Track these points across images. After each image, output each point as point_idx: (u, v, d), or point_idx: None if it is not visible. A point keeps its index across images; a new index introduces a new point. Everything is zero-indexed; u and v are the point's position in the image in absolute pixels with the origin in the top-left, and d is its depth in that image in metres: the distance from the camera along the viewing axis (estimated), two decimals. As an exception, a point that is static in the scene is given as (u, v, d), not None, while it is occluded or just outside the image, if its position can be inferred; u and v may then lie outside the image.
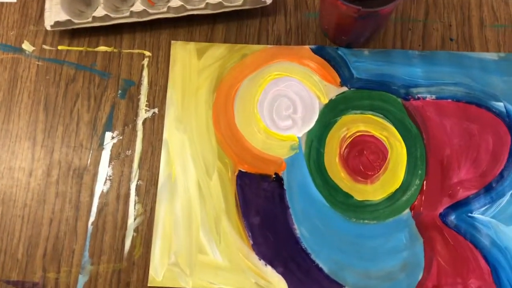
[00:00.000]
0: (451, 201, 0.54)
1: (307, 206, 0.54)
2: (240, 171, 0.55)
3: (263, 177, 0.55)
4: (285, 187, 0.55)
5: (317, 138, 0.56)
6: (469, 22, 0.60)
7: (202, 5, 0.58)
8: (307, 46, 0.59)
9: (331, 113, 0.57)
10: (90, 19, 0.58)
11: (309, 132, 0.57)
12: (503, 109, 0.56)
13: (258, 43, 0.60)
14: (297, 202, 0.55)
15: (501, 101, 0.57)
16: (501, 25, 0.60)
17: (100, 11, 0.57)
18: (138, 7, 0.57)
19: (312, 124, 0.57)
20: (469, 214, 0.54)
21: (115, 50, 0.60)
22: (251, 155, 0.56)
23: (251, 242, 0.54)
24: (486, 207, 0.54)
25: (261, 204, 0.55)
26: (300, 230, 0.54)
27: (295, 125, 0.57)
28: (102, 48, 0.60)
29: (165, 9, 0.58)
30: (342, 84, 0.58)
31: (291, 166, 0.56)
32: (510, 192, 0.54)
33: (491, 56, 0.58)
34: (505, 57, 0.58)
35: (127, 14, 0.58)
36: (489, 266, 0.52)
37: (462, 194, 0.54)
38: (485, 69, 0.58)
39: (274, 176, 0.55)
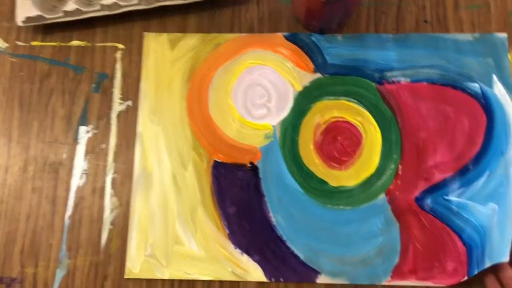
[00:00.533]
0: (427, 185, 0.54)
1: (282, 194, 0.54)
2: (215, 161, 0.55)
3: (238, 166, 0.55)
4: (260, 175, 0.55)
5: (291, 126, 0.56)
6: (443, 3, 0.59)
7: (174, -5, 0.57)
8: (280, 34, 0.59)
9: (305, 100, 0.57)
10: (61, 14, 0.57)
11: (284, 120, 0.56)
12: (479, 90, 0.56)
13: (231, 31, 0.59)
14: (273, 190, 0.54)
15: (476, 82, 0.56)
16: (475, 6, 0.59)
17: (71, 5, 0.57)
18: (108, 0, 0.57)
19: (286, 112, 0.57)
20: (445, 197, 0.53)
21: (88, 44, 0.60)
22: (226, 145, 0.56)
23: (227, 231, 0.54)
24: (462, 189, 0.53)
25: (237, 194, 0.54)
26: (275, 218, 0.54)
27: (269, 113, 0.57)
28: (75, 42, 0.60)
29: (136, 1, 0.57)
30: (316, 70, 0.57)
31: (266, 154, 0.55)
32: (486, 173, 0.54)
33: (466, 37, 0.58)
34: (479, 37, 0.57)
35: (98, 7, 0.57)
36: (465, 247, 0.52)
37: (438, 177, 0.54)
38: (460, 51, 0.57)
39: (249, 165, 0.55)
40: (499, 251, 0.51)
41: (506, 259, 0.50)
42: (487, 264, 0.51)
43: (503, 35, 0.57)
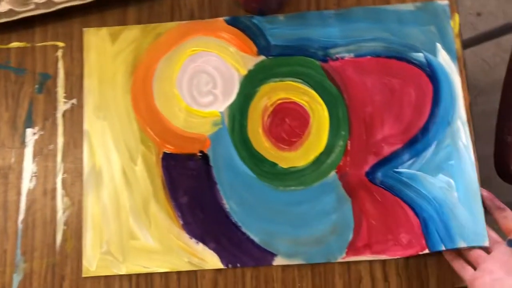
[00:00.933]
0: (377, 159, 0.54)
1: (234, 180, 0.54)
2: (164, 153, 0.55)
3: (188, 156, 0.55)
4: (211, 163, 0.55)
5: (239, 111, 0.56)
6: (384, -26, 0.58)
7: (107, -12, 0.56)
8: (220, 18, 0.58)
9: (250, 84, 0.56)
10: (-5, 16, 0.56)
11: (231, 106, 0.56)
12: (423, 60, 0.56)
13: (172, 20, 0.58)
14: (224, 177, 0.54)
15: (421, 52, 0.56)
16: (415, -26, 0.58)
17: (4, 6, 0.56)
18: (42, -3, 0.55)
19: (233, 97, 0.56)
20: (395, 170, 0.53)
21: (28, 45, 0.58)
22: (174, 136, 0.55)
23: (181, 222, 0.53)
24: (412, 160, 0.53)
25: (189, 184, 0.54)
26: (229, 204, 0.54)
27: (216, 100, 0.56)
28: (14, 44, 0.59)
29: (70, -3, 0.56)
30: (259, 53, 0.57)
31: (215, 142, 0.55)
32: (435, 143, 0.54)
33: (408, 7, 0.57)
34: (421, 6, 0.57)
35: (33, 6, 0.56)
36: (419, 218, 0.52)
37: (387, 150, 0.54)
38: (402, 21, 0.57)
39: (199, 154, 0.55)
40: (475, 233, 0.51)
41: (486, 243, 0.50)
42: (461, 244, 0.51)
43: (444, 2, 0.57)
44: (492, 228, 0.51)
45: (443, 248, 0.51)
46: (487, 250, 0.49)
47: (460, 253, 0.50)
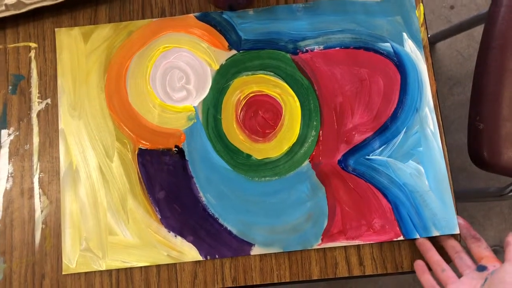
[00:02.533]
0: (348, 147, 0.55)
1: (210, 173, 0.55)
2: (140, 149, 0.56)
3: (164, 151, 0.56)
4: (187, 157, 0.55)
5: (213, 105, 0.57)
6: (349, -33, 0.60)
7: (78, -12, 0.57)
8: (191, 15, 0.59)
9: (223, 78, 0.57)
10: (-34, 19, 0.56)
11: (204, 100, 0.57)
12: (390, 49, 0.57)
13: (143, 18, 0.59)
14: (200, 171, 0.55)
15: (387, 42, 0.57)
16: (379, -34, 0.60)
17: (-26, 9, 0.56)
18: (12, -1, 0.56)
19: (206, 92, 0.57)
20: (367, 157, 0.55)
21: (0, 47, 0.59)
22: (149, 132, 0.56)
23: (159, 216, 0.54)
24: (382, 147, 0.55)
25: (165, 178, 0.55)
26: (206, 197, 0.55)
27: (189, 95, 0.57)
28: (-14, 46, 0.59)
29: (41, -3, 0.57)
30: (231, 47, 0.58)
31: (190, 136, 0.56)
32: (403, 130, 0.55)
33: (374, -2, 0.58)
34: (387, -3, 0.58)
35: (3, 8, 0.56)
36: (390, 204, 0.54)
37: (358, 138, 0.55)
38: (369, 12, 0.58)
39: (175, 148, 0.56)
40: (447, 221, 0.53)
41: (456, 231, 0.52)
42: (435, 233, 0.53)
43: (409, -7, 0.58)
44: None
45: (418, 236, 0.52)
46: (458, 273, 0.49)
47: (429, 269, 0.52)
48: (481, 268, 0.47)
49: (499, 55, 0.77)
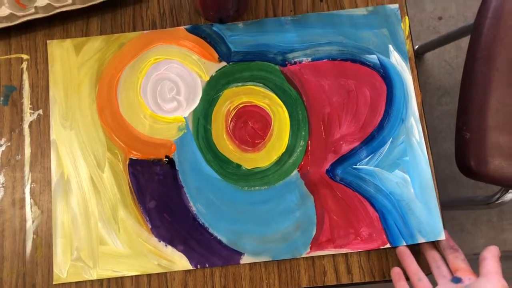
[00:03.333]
0: (336, 157, 0.56)
1: (200, 183, 0.56)
2: (131, 159, 0.56)
3: (154, 161, 0.56)
4: (177, 167, 0.56)
5: (203, 116, 0.57)
6: (336, -19, 0.61)
7: (70, 1, 0.57)
8: (182, 27, 0.60)
9: (213, 89, 0.58)
10: (-41, 31, 0.57)
11: (195, 111, 0.58)
12: (377, 61, 0.58)
13: (134, 30, 0.60)
14: (191, 181, 0.56)
15: (374, 54, 0.59)
16: (366, -20, 0.61)
17: (-33, 21, 0.57)
18: (4, 11, 0.57)
19: (196, 102, 0.58)
20: (354, 166, 0.56)
21: (-8, 58, 0.59)
22: (140, 142, 0.57)
23: (150, 226, 0.55)
24: (369, 157, 0.56)
25: (156, 188, 0.56)
26: (196, 207, 0.55)
27: (180, 106, 0.58)
28: (-21, 58, 0.59)
29: (33, 10, 0.57)
30: (221, 59, 0.59)
31: (181, 146, 0.57)
32: (390, 140, 0.56)
33: (360, 11, 0.60)
34: (373, 10, 0.60)
35: (-4, 20, 0.57)
36: (377, 212, 0.55)
37: (345, 148, 0.56)
38: (355, 25, 0.60)
39: (165, 159, 0.56)
40: (432, 228, 0.54)
41: (441, 237, 0.53)
42: (421, 240, 0.54)
43: (394, 6, 0.60)
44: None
45: (404, 243, 0.53)
46: (434, 282, 0.50)
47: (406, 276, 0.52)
48: (456, 280, 0.48)
49: (484, 66, 0.79)
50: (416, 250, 0.54)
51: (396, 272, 0.52)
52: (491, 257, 0.48)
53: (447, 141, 1.24)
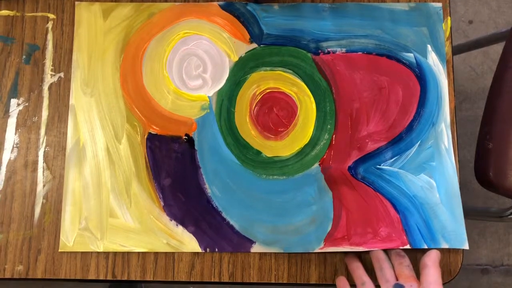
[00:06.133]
0: (360, 154, 0.54)
1: (218, 165, 0.54)
2: (150, 133, 0.55)
3: (173, 138, 0.55)
4: (196, 147, 0.55)
5: (227, 97, 0.56)
6: (380, -28, 0.59)
7: (103, -37, 0.55)
8: (215, 3, 0.58)
9: (241, 71, 0.56)
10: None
11: (220, 91, 0.56)
12: (413, 60, 0.56)
13: (166, 1, 0.58)
14: (208, 162, 0.54)
15: (411, 52, 0.56)
16: (411, -26, 0.59)
17: (-5, -27, 0.55)
18: (35, -33, 0.55)
19: (222, 83, 0.56)
20: (378, 166, 0.54)
21: (17, 14, 0.57)
22: (160, 117, 0.55)
23: (162, 203, 0.53)
24: (394, 158, 0.54)
25: (172, 166, 0.54)
26: (211, 189, 0.54)
27: (205, 84, 0.56)
28: (4, 12, 0.57)
29: (65, -31, 0.55)
30: (252, 40, 0.57)
31: (202, 126, 0.55)
32: (418, 143, 0.54)
33: (402, 6, 0.58)
34: (415, 7, 0.57)
35: (25, -25, 0.55)
36: (399, 214, 0.53)
37: (370, 146, 0.55)
38: (395, 20, 0.57)
39: (185, 137, 0.55)
40: (456, 235, 0.53)
41: (465, 246, 0.52)
42: (444, 245, 0.52)
43: (437, 5, 0.57)
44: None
45: (425, 246, 0.52)
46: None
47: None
48: (397, 286, 0.47)
49: (516, 76, 0.76)
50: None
51: (341, 281, 0.51)
52: (431, 265, 0.47)
53: (463, 147, 1.22)
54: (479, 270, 1.23)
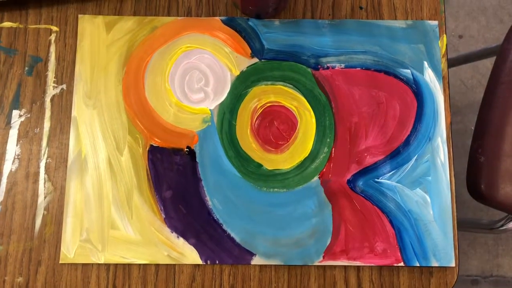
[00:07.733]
0: (359, 168, 0.55)
1: (219, 178, 0.55)
2: (151, 145, 0.55)
3: (175, 150, 0.55)
4: (197, 160, 0.55)
5: (229, 110, 0.56)
6: (378, -10, 0.60)
7: (107, -23, 0.56)
8: (217, 18, 0.59)
9: (242, 84, 0.57)
10: (-10, -6, 0.55)
11: (221, 104, 0.57)
12: (410, 76, 0.58)
13: (169, 15, 0.59)
14: (209, 174, 0.55)
15: (408, 68, 0.58)
16: (408, -7, 0.60)
17: (-1, -15, 0.55)
18: (39, -20, 0.55)
19: (224, 96, 0.57)
20: (376, 180, 0.55)
21: (20, 26, 0.58)
22: (162, 129, 0.56)
23: (163, 215, 0.54)
24: (392, 172, 0.55)
25: (173, 178, 0.55)
26: (212, 201, 0.54)
27: (207, 97, 0.57)
28: (6, 24, 0.58)
29: (69, -18, 0.56)
30: (253, 55, 0.58)
31: (203, 138, 0.56)
32: (414, 157, 0.56)
33: (399, 24, 0.59)
34: (412, 24, 0.59)
35: (29, -13, 0.56)
36: (394, 229, 0.54)
37: (369, 160, 0.56)
38: (393, 37, 0.59)
39: (186, 149, 0.55)
40: (445, 253, 0.54)
41: (452, 264, 0.53)
42: (434, 263, 0.53)
43: (434, 23, 0.59)
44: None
45: (417, 264, 0.53)
46: None
47: None
48: None
49: (507, 91, 0.78)
50: (430, 271, 0.53)
51: None
52: None
53: (453, 159, 1.24)
54: (469, 281, 1.25)
